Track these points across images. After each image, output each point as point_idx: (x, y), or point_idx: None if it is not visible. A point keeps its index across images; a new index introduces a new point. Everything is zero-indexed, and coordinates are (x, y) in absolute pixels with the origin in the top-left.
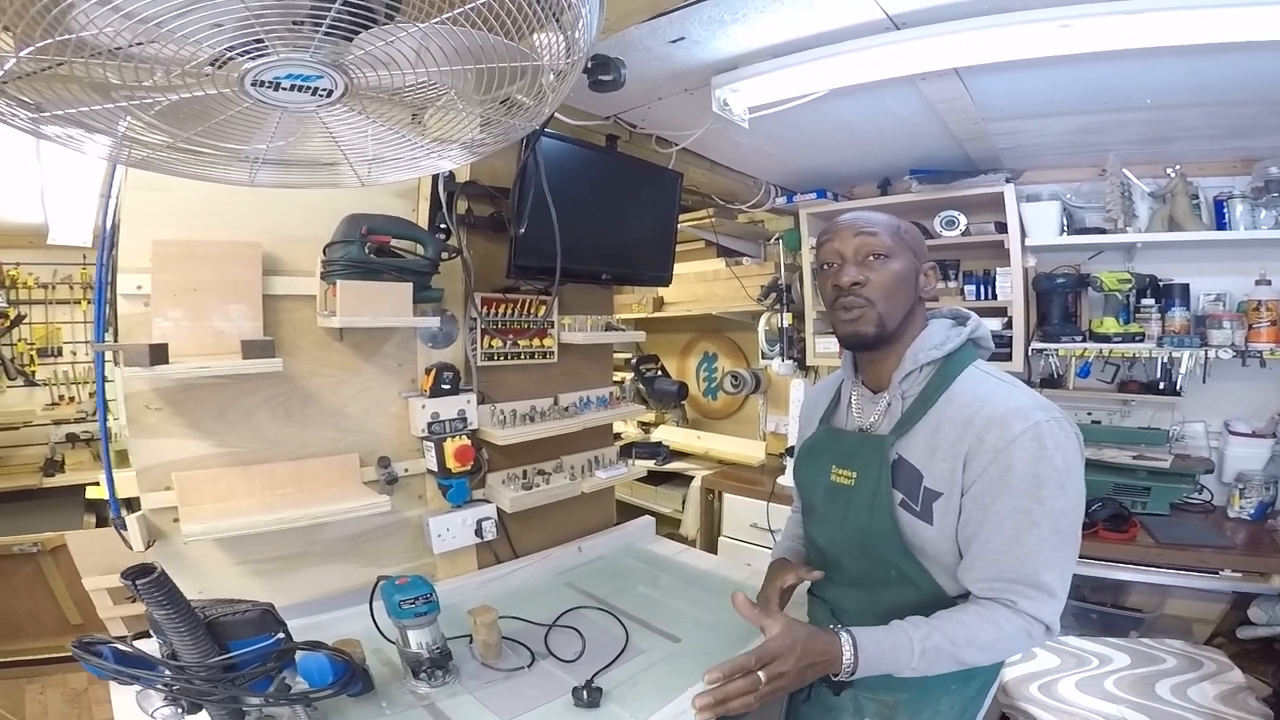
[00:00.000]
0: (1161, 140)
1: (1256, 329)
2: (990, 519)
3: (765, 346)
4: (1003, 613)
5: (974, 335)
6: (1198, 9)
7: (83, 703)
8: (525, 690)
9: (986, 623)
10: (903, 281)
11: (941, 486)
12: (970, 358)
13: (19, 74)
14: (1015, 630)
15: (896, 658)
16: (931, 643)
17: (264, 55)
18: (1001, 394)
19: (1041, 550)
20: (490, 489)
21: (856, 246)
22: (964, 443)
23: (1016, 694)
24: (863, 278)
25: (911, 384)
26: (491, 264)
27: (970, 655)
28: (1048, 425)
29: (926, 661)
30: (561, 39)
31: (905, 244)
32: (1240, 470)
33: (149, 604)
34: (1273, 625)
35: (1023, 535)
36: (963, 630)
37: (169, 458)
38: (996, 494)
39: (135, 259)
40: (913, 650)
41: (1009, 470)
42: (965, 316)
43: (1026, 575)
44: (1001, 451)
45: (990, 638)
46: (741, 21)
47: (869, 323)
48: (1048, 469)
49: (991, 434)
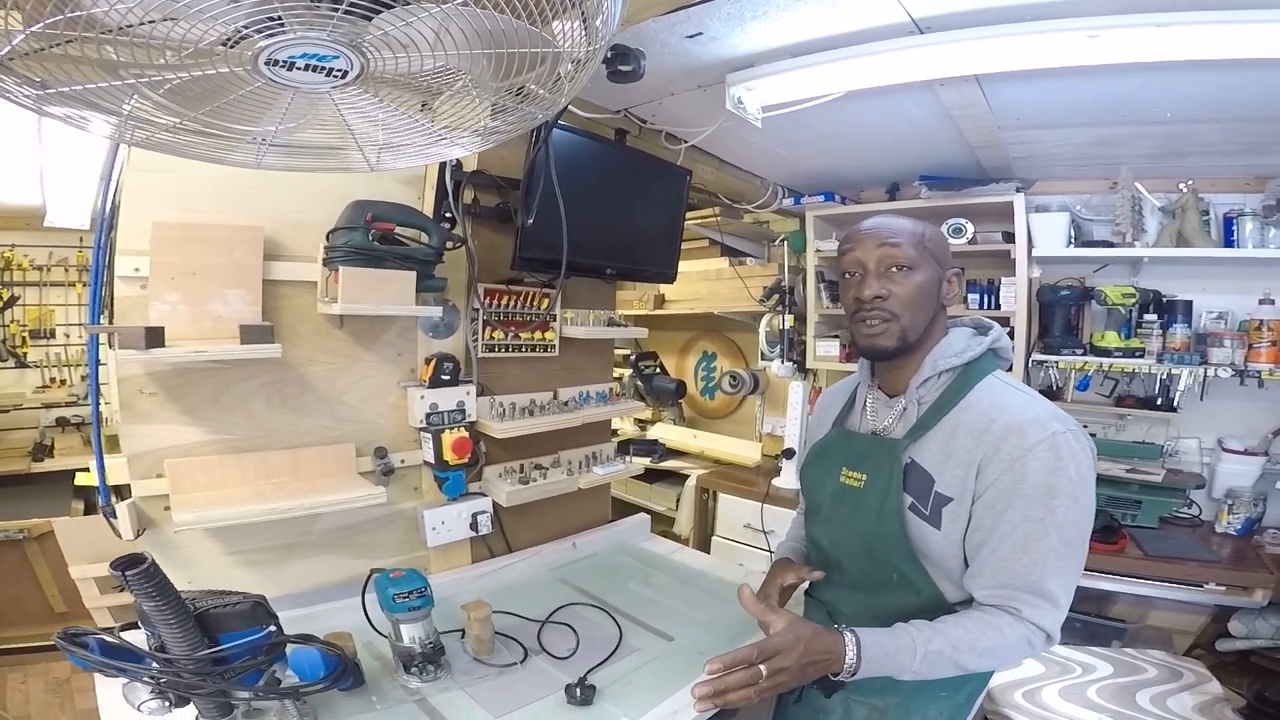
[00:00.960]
0: (1176, 155)
1: (1257, 349)
2: (1001, 526)
3: (765, 348)
4: (1005, 619)
5: (995, 345)
6: (1226, 24)
7: (65, 692)
8: (518, 686)
9: (989, 629)
10: (925, 293)
11: (953, 492)
12: (990, 367)
13: (26, 51)
14: (1017, 638)
15: (899, 660)
16: (934, 646)
17: (280, 33)
18: (1019, 404)
19: (1049, 559)
20: (486, 482)
21: (879, 257)
22: (979, 449)
23: (1002, 700)
24: (885, 291)
25: (929, 390)
26: (496, 255)
27: (971, 661)
28: (1064, 436)
29: (928, 665)
30: (582, 27)
31: (929, 253)
32: (1230, 486)
33: (138, 595)
34: (1252, 639)
35: (1032, 544)
36: (965, 635)
37: (161, 444)
38: (1009, 502)
39: (134, 241)
40: (915, 653)
41: (1023, 479)
42: (988, 326)
43: (1033, 583)
44: (1017, 460)
45: (992, 644)
46: (763, 19)
47: (891, 337)
48: (1062, 479)
49: (1008, 442)
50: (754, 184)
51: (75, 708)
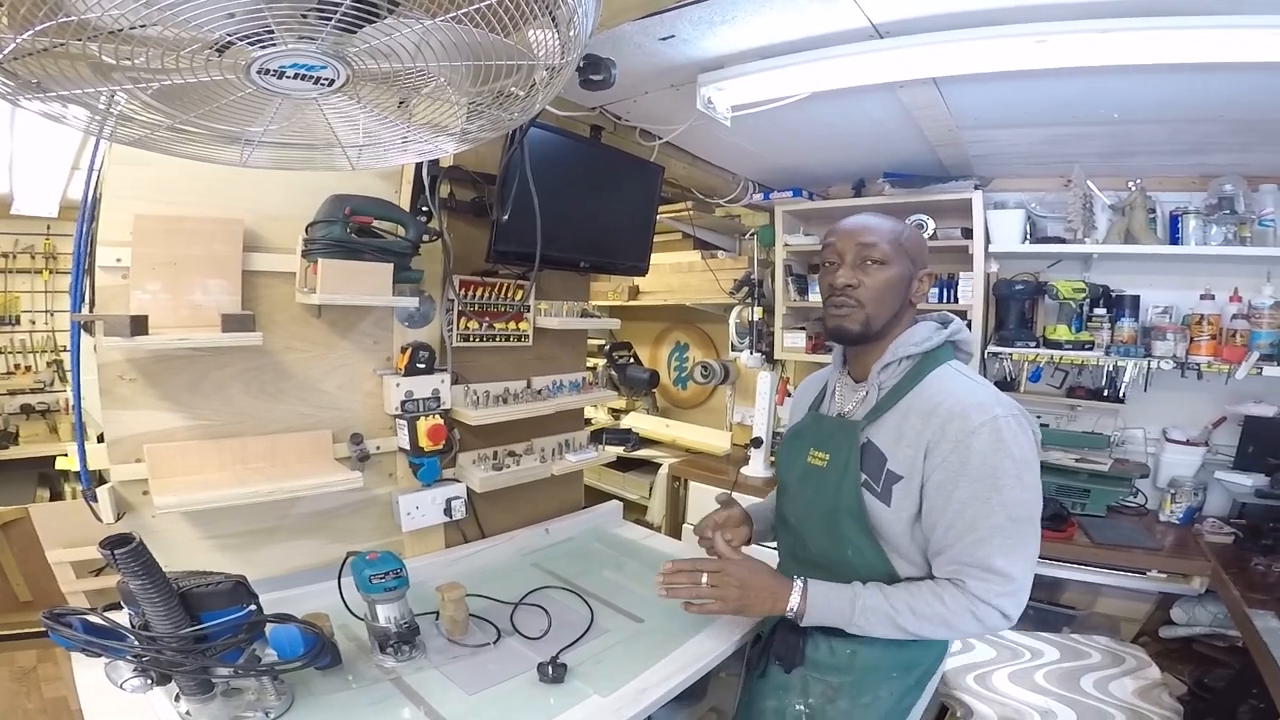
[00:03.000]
0: (1125, 154)
1: (1197, 342)
2: (951, 505)
3: (735, 339)
4: (950, 590)
5: (954, 337)
6: (1167, 30)
7: (31, 680)
8: (491, 666)
9: (932, 596)
10: (893, 287)
11: (903, 470)
12: (947, 357)
13: (18, 55)
14: (959, 608)
15: (839, 608)
16: (872, 602)
17: (272, 44)
18: (965, 389)
19: (994, 537)
20: (461, 469)
21: (856, 250)
22: (928, 431)
23: (954, 684)
24: (856, 281)
25: (889, 375)
26: (471, 247)
27: (909, 622)
28: (1005, 420)
29: (865, 618)
30: (556, 36)
31: (904, 251)
32: (1173, 476)
33: (125, 574)
34: (1192, 626)
35: (978, 521)
36: (905, 597)
37: (141, 429)
38: (956, 482)
39: (115, 233)
40: (854, 605)
41: (967, 460)
42: (950, 320)
43: (979, 559)
44: (961, 441)
45: (931, 611)
46: (731, 23)
47: (855, 321)
48: (1005, 460)
49: (953, 425)
50: (725, 179)
51: (43, 696)
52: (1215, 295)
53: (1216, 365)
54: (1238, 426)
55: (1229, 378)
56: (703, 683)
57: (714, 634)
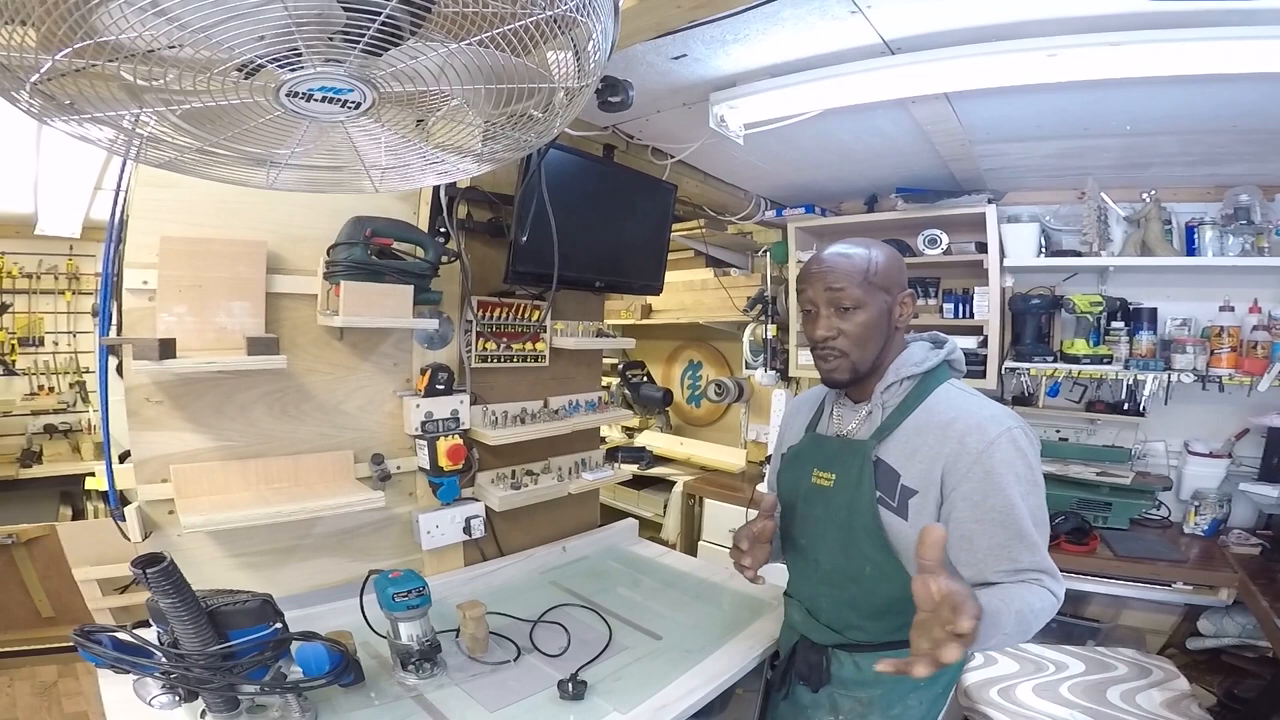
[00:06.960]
0: (1139, 165)
1: (1218, 354)
2: (988, 514)
3: (749, 356)
4: (1034, 587)
5: (949, 357)
6: (1176, 42)
7: (52, 695)
8: (511, 683)
9: (1032, 594)
10: (873, 328)
11: (918, 485)
12: (945, 376)
13: (51, 75)
14: (1051, 603)
15: (999, 620)
16: (1017, 606)
17: (300, 68)
18: (975, 405)
19: (1034, 537)
20: (479, 488)
21: (827, 299)
22: (945, 445)
23: (977, 698)
24: (834, 331)
25: (892, 395)
26: (488, 268)
27: (1034, 621)
28: (1018, 431)
29: (1015, 624)
30: (574, 58)
31: (875, 286)
32: (1197, 488)
33: (156, 592)
34: (1220, 637)
35: (1023, 526)
36: (1026, 597)
37: (167, 450)
38: (987, 491)
39: (141, 255)
40: (1009, 612)
41: (993, 470)
42: (943, 340)
43: (1039, 561)
44: (983, 452)
45: (1041, 605)
46: (743, 42)
47: (843, 371)
48: (1024, 468)
49: (971, 438)
50: (737, 196)
51: (64, 710)
52: (1235, 307)
53: (1238, 377)
54: (1261, 438)
55: (1251, 390)
56: (722, 699)
57: (732, 651)
